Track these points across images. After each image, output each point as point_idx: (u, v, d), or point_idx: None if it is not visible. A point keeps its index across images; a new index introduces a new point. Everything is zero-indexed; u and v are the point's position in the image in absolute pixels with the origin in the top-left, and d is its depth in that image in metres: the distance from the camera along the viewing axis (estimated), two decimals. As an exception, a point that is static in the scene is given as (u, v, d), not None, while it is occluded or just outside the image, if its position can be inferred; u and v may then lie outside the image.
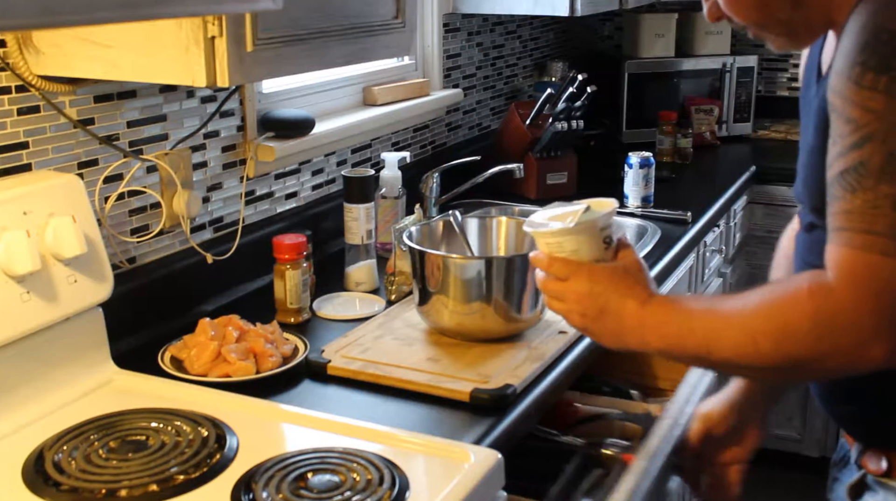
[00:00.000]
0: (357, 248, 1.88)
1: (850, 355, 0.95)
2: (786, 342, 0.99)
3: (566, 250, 1.19)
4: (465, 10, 2.58)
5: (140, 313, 1.62)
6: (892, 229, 0.92)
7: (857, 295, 0.93)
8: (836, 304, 0.94)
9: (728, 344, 1.04)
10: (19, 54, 1.39)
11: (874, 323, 0.92)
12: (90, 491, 1.13)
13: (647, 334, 1.12)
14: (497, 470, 1.23)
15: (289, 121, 1.93)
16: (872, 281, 0.92)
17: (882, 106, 0.92)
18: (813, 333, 0.96)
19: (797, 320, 0.98)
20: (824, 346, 0.96)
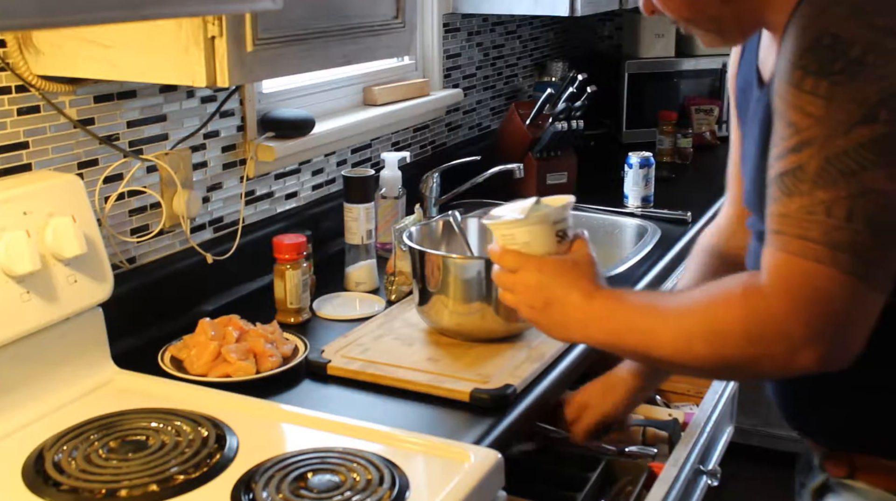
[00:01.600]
0: (357, 248, 1.88)
1: (781, 360, 0.95)
2: (718, 344, 0.99)
3: (518, 242, 1.20)
4: (465, 10, 2.58)
5: (140, 313, 1.62)
6: (827, 237, 0.91)
7: (789, 301, 0.93)
8: (768, 309, 0.94)
9: (665, 343, 1.04)
10: (19, 54, 1.39)
11: (805, 331, 0.92)
12: (90, 491, 1.13)
13: (590, 327, 1.13)
14: (497, 470, 1.23)
15: (289, 121, 1.93)
16: (805, 288, 0.92)
17: (821, 111, 0.91)
18: (745, 337, 0.96)
19: (730, 323, 0.97)
20: (756, 350, 0.96)
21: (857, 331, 0.94)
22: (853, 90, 0.90)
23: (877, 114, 0.89)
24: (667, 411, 1.74)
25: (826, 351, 0.93)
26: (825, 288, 0.91)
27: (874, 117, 0.89)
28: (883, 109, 0.89)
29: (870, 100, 0.90)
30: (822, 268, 0.91)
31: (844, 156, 0.90)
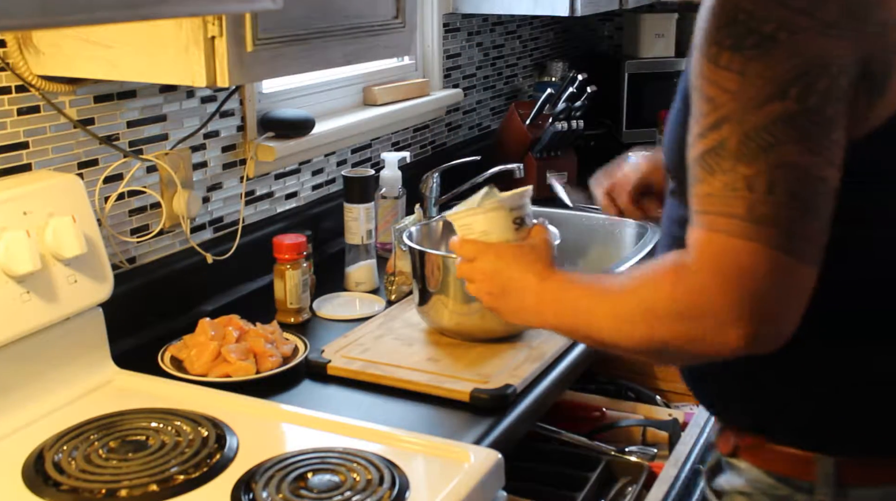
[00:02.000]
0: (357, 248, 1.88)
1: (710, 339, 0.94)
2: (651, 323, 0.99)
3: (476, 231, 1.24)
4: (465, 10, 2.58)
5: (140, 313, 1.62)
6: (751, 212, 0.91)
7: (717, 279, 0.92)
8: (697, 288, 0.94)
9: (605, 325, 1.05)
10: (19, 54, 1.39)
11: (733, 308, 0.92)
12: (90, 491, 1.13)
13: (544, 311, 1.13)
14: (497, 470, 1.23)
15: (289, 121, 1.93)
16: (730, 265, 0.92)
17: (736, 86, 0.91)
18: (675, 314, 0.96)
19: (660, 300, 0.98)
20: (686, 328, 0.95)
21: (787, 307, 0.93)
22: (765, 66, 0.91)
23: (787, 91, 0.90)
24: (667, 411, 1.75)
25: (755, 329, 0.92)
26: (751, 263, 0.91)
27: (785, 94, 0.90)
28: (793, 87, 0.90)
29: (781, 77, 0.90)
30: (748, 244, 0.91)
31: (761, 131, 0.90)
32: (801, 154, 0.90)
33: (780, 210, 0.90)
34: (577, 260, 2.31)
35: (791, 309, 0.93)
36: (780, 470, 1.12)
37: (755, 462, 1.15)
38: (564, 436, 1.58)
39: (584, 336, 1.10)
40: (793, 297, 0.93)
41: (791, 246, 0.91)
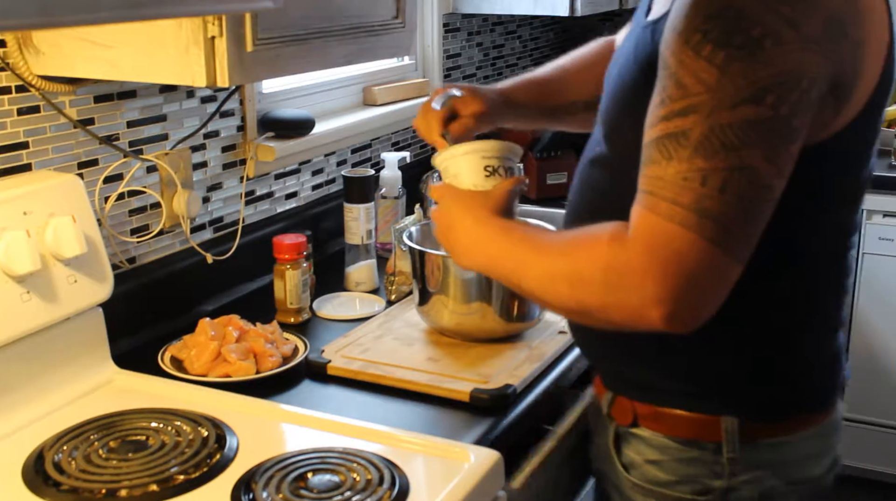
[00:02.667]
0: (357, 248, 1.88)
1: (631, 313, 0.98)
2: (578, 286, 1.02)
3: (450, 174, 1.30)
4: (465, 10, 2.58)
5: (140, 313, 1.62)
6: (697, 205, 0.93)
7: (647, 258, 0.95)
8: (627, 262, 0.97)
9: (533, 277, 1.09)
10: (19, 54, 1.39)
11: (656, 290, 0.95)
12: (90, 491, 1.13)
13: (475, 251, 1.18)
14: (497, 470, 1.23)
15: (289, 121, 1.93)
16: (664, 249, 0.95)
17: (714, 80, 0.93)
18: (602, 284, 0.99)
19: (591, 267, 1.01)
20: (611, 299, 0.99)
21: (709, 298, 0.97)
22: (747, 68, 0.93)
23: (763, 97, 0.92)
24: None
25: (674, 312, 0.96)
26: (686, 251, 0.94)
27: (761, 99, 0.92)
28: (770, 94, 0.92)
29: (760, 82, 0.92)
30: (687, 233, 0.94)
31: (728, 129, 0.92)
32: (759, 160, 0.93)
33: (726, 208, 0.94)
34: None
35: (712, 300, 0.97)
36: (686, 434, 1.18)
37: (659, 428, 1.20)
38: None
39: (515, 285, 1.13)
40: (716, 289, 0.97)
41: (727, 243, 0.94)
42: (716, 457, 1.18)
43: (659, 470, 1.22)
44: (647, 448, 1.23)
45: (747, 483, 1.18)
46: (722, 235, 0.94)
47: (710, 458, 1.18)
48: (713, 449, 1.17)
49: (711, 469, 1.18)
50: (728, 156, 0.93)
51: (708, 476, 1.19)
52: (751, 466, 1.18)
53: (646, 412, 1.22)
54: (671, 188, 0.95)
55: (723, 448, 1.17)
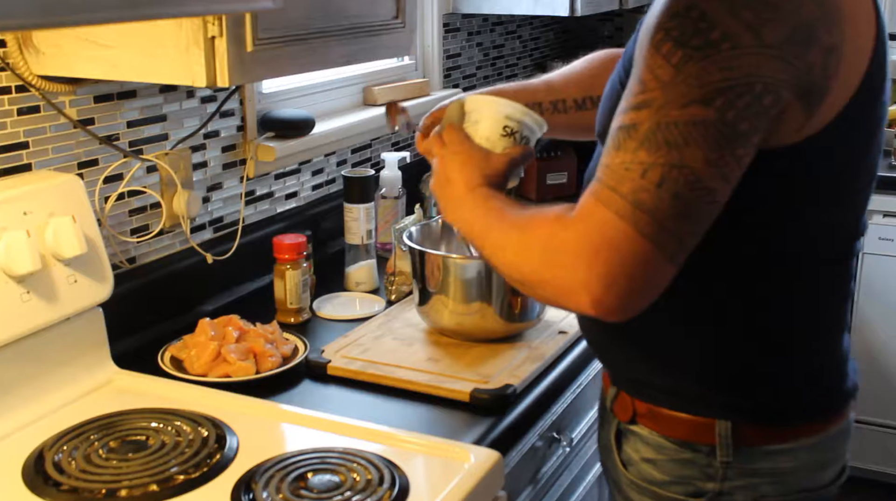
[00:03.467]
0: (357, 248, 1.88)
1: (563, 293, 1.00)
2: (522, 259, 1.06)
3: (472, 119, 1.29)
4: (465, 10, 2.58)
5: (140, 313, 1.62)
6: (634, 195, 0.95)
7: (581, 241, 0.97)
8: (564, 242, 0.99)
9: (490, 244, 1.12)
10: (19, 54, 1.39)
11: (586, 274, 0.96)
12: (90, 491, 1.13)
13: (457, 211, 1.20)
14: (497, 470, 1.23)
15: (289, 121, 1.93)
16: (599, 236, 0.96)
17: (668, 78, 0.95)
18: (541, 260, 1.02)
19: (534, 243, 1.04)
20: (546, 275, 1.01)
21: (637, 291, 0.97)
22: (701, 69, 0.94)
23: (713, 100, 0.93)
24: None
25: (600, 299, 0.97)
26: (617, 241, 0.95)
27: (710, 101, 0.93)
28: (720, 97, 0.93)
29: (711, 85, 0.93)
30: (620, 223, 0.95)
31: (674, 127, 0.94)
32: (700, 161, 0.94)
33: (661, 204, 0.95)
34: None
35: (641, 293, 0.98)
36: (681, 435, 1.19)
37: (655, 427, 1.21)
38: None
39: (479, 248, 1.16)
40: (645, 284, 0.98)
41: (659, 238, 0.95)
42: (709, 460, 1.17)
43: (654, 469, 1.22)
44: (643, 447, 1.23)
45: (740, 489, 1.18)
46: (654, 230, 0.95)
47: (704, 461, 1.18)
48: (707, 452, 1.17)
49: (704, 471, 1.18)
50: (669, 153, 0.94)
51: (700, 479, 1.18)
52: (745, 472, 1.17)
53: (644, 410, 1.22)
54: (613, 176, 0.97)
55: (716, 452, 1.17)
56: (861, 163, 1.12)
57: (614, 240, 0.95)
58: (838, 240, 1.16)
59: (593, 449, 1.82)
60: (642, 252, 0.95)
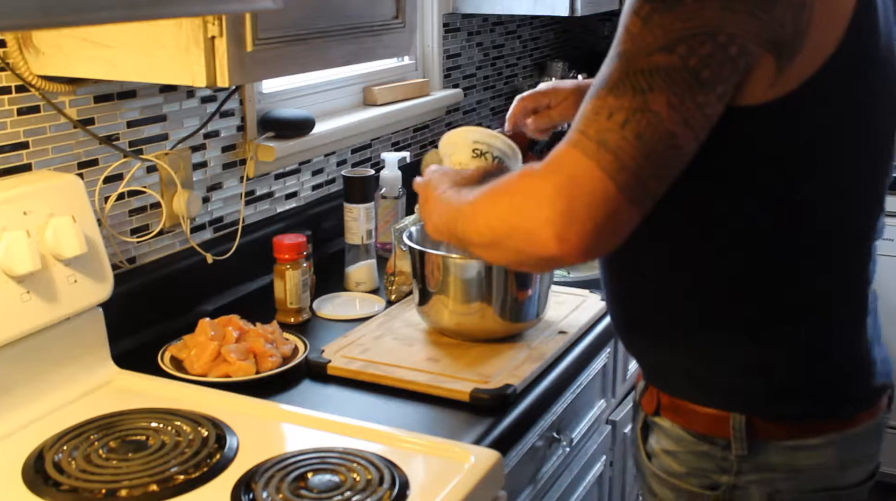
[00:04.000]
0: (357, 248, 1.88)
1: (529, 234, 1.01)
2: (491, 213, 1.07)
3: (446, 153, 1.42)
4: (465, 10, 2.58)
5: (140, 313, 1.62)
6: (599, 135, 0.98)
7: (546, 179, 0.99)
8: (532, 184, 1.01)
9: (463, 220, 1.14)
10: (19, 54, 1.39)
11: (550, 211, 0.98)
12: (90, 491, 1.13)
13: (435, 218, 1.23)
14: (497, 470, 1.23)
15: (289, 121, 1.93)
16: (564, 173, 0.99)
17: (637, 30, 1.00)
18: (509, 206, 1.04)
19: (503, 194, 1.06)
20: (514, 219, 1.02)
21: (599, 231, 0.99)
22: (665, 19, 0.98)
23: (675, 47, 0.98)
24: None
25: (563, 235, 0.98)
26: (580, 178, 0.98)
27: (672, 49, 0.98)
28: (682, 45, 0.97)
29: (674, 33, 0.98)
30: (584, 160, 0.98)
31: (640, 75, 0.98)
32: (663, 105, 0.98)
33: (623, 144, 0.97)
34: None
35: (602, 235, 0.99)
36: (699, 428, 1.21)
37: (676, 420, 1.23)
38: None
39: (456, 234, 1.17)
40: (607, 223, 0.99)
41: (621, 178, 0.97)
42: (725, 453, 1.19)
43: (673, 461, 1.24)
44: (665, 439, 1.25)
45: (755, 484, 1.18)
46: (617, 169, 0.97)
47: (720, 454, 1.19)
48: (723, 446, 1.19)
49: (720, 465, 1.19)
50: (635, 98, 0.98)
51: (716, 472, 1.20)
52: (760, 467, 1.18)
53: (667, 402, 1.24)
54: (584, 120, 1.00)
55: (731, 445, 1.18)
56: (841, 139, 1.12)
57: (577, 176, 0.98)
58: (843, 226, 1.16)
59: (593, 449, 1.82)
60: (604, 189, 0.97)
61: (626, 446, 1.97)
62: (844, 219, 1.16)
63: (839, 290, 1.18)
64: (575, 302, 1.76)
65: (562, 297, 1.77)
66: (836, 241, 1.16)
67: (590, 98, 1.02)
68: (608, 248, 1.01)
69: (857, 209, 1.17)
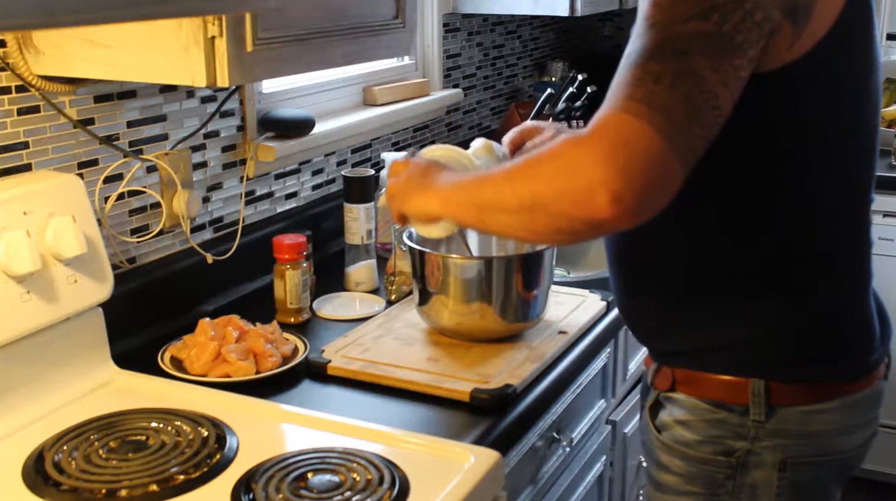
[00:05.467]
0: (357, 248, 1.88)
1: (580, 197, 1.01)
2: (533, 178, 1.07)
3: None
4: (465, 10, 2.58)
5: (140, 313, 1.62)
6: (648, 98, 1.00)
7: (597, 142, 1.01)
8: (579, 146, 1.02)
9: (489, 189, 1.13)
10: (19, 54, 1.39)
11: (605, 171, 0.99)
12: (90, 491, 1.13)
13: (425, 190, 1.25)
14: (497, 470, 1.23)
15: (289, 121, 1.93)
16: (615, 134, 1.00)
17: (667, 3, 1.03)
18: (555, 170, 1.04)
19: (547, 160, 1.06)
20: (561, 183, 1.03)
21: (653, 189, 1.01)
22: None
23: (710, 15, 1.02)
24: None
25: (620, 195, 0.99)
26: (634, 138, 0.99)
27: (708, 16, 1.02)
28: (716, 13, 1.02)
29: (706, 3, 1.02)
30: (636, 121, 0.99)
31: (678, 39, 1.02)
32: (706, 67, 1.01)
33: (674, 104, 1.00)
34: (578, 259, 2.31)
35: (656, 193, 1.01)
36: (716, 396, 1.25)
37: (691, 392, 1.27)
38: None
39: (474, 208, 1.16)
40: (661, 181, 1.01)
41: (672, 136, 1.00)
42: (742, 420, 1.23)
43: (686, 430, 1.27)
44: (678, 410, 1.28)
45: (769, 449, 1.23)
46: (668, 127, 0.99)
47: (737, 420, 1.23)
48: (740, 412, 1.23)
49: (736, 430, 1.23)
50: (678, 61, 1.01)
51: (731, 438, 1.24)
52: (775, 433, 1.22)
53: (682, 376, 1.28)
54: (628, 87, 1.02)
55: (749, 411, 1.22)
56: (854, 96, 1.18)
57: (631, 138, 0.99)
58: (850, 188, 1.22)
59: (593, 449, 1.82)
60: (658, 148, 0.99)
61: (626, 446, 1.97)
62: (853, 179, 1.23)
63: (850, 252, 1.25)
64: (575, 302, 1.76)
65: (562, 297, 1.77)
66: (846, 202, 1.23)
67: (627, 68, 1.04)
68: (656, 209, 1.03)
69: (863, 169, 1.24)
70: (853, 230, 1.25)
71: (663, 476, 1.31)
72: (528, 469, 1.53)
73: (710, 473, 1.26)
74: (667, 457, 1.30)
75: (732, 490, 1.25)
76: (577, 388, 1.67)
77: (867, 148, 1.23)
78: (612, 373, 1.88)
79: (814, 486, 1.27)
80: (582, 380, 1.69)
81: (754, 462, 1.24)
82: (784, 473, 1.23)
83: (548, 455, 1.60)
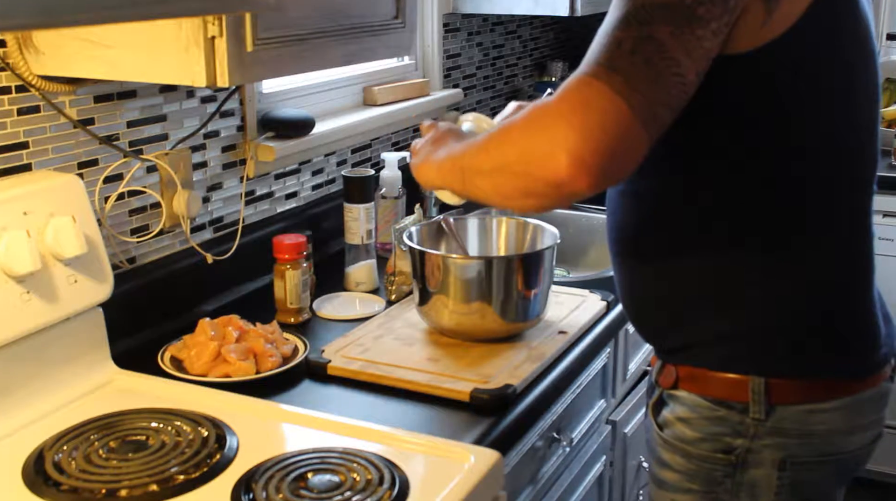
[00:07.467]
0: (357, 248, 1.88)
1: (543, 156, 1.03)
2: (502, 140, 1.10)
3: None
4: (465, 10, 2.58)
5: (140, 313, 1.62)
6: (610, 61, 1.03)
7: (562, 103, 1.03)
8: (545, 108, 1.05)
9: (470, 152, 1.17)
10: (19, 54, 1.39)
11: (563, 130, 1.01)
12: (90, 491, 1.13)
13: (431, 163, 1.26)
14: (497, 470, 1.23)
15: (289, 121, 1.93)
16: (577, 95, 1.03)
17: None
18: (521, 130, 1.07)
19: (517, 121, 1.09)
20: (525, 143, 1.06)
21: (612, 151, 1.02)
22: None
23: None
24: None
25: (578, 155, 1.00)
26: (595, 98, 1.01)
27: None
28: None
29: None
30: (597, 83, 1.02)
31: (642, 10, 1.04)
32: (667, 35, 1.03)
33: (634, 68, 1.02)
34: (578, 259, 2.31)
35: (615, 156, 1.03)
36: (717, 394, 1.26)
37: (693, 389, 1.28)
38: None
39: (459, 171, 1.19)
40: (620, 145, 1.02)
41: (632, 99, 1.01)
42: (742, 417, 1.23)
43: (687, 428, 1.27)
44: (680, 408, 1.29)
45: (768, 448, 1.23)
46: (628, 90, 1.01)
47: (737, 418, 1.23)
48: (740, 410, 1.23)
49: (735, 428, 1.24)
50: (640, 28, 1.04)
51: (731, 436, 1.24)
52: (775, 431, 1.22)
53: (685, 374, 1.29)
54: (594, 54, 1.06)
55: (749, 409, 1.22)
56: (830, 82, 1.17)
57: (592, 98, 1.01)
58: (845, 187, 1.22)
59: (593, 449, 1.82)
60: (617, 109, 1.01)
61: (626, 446, 1.97)
62: (844, 167, 1.22)
63: (850, 252, 1.25)
64: (575, 302, 1.76)
65: (562, 297, 1.77)
66: (846, 197, 1.23)
67: (598, 38, 1.07)
68: (619, 176, 1.04)
69: (854, 157, 1.23)
70: (854, 228, 1.25)
71: (664, 473, 1.32)
72: (528, 469, 1.53)
73: (710, 471, 1.26)
74: (668, 454, 1.30)
75: (731, 488, 1.26)
76: (577, 388, 1.67)
77: (864, 143, 1.23)
78: (612, 373, 1.88)
79: (814, 486, 1.27)
80: (582, 380, 1.69)
81: (753, 460, 1.24)
82: (784, 472, 1.24)
83: (548, 455, 1.60)
